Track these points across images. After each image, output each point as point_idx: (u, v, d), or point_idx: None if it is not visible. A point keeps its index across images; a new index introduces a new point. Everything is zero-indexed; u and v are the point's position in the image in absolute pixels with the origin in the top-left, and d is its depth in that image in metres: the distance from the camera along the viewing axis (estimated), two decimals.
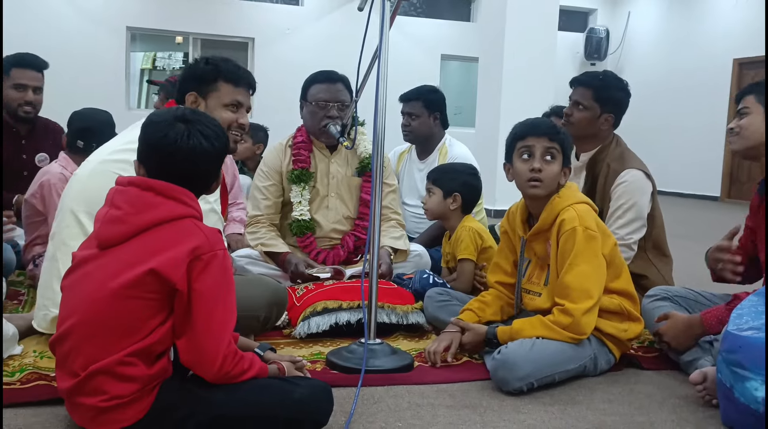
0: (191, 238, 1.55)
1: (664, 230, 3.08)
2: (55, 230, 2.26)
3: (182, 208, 1.59)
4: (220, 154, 1.70)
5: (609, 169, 2.96)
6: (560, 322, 2.12)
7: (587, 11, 13.95)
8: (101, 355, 1.50)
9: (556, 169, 2.27)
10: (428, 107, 3.76)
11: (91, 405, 1.51)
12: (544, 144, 2.27)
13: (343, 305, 2.57)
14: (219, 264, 1.56)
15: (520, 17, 7.19)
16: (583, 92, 3.01)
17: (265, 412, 1.59)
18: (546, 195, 2.29)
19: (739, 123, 2.26)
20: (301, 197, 3.16)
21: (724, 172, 10.95)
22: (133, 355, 1.51)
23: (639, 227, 2.89)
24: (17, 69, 3.64)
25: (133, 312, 1.52)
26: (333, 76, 3.18)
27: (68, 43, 10.62)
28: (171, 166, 1.62)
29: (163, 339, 1.55)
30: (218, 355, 1.53)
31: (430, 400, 1.98)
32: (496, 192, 6.60)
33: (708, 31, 11.50)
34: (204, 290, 1.53)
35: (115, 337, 1.51)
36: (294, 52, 11.80)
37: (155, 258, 1.51)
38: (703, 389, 1.98)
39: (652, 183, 2.96)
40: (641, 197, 2.89)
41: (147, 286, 1.51)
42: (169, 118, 1.64)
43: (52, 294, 2.16)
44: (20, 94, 3.64)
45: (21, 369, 2.02)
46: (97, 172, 2.20)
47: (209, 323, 1.53)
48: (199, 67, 2.33)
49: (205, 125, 1.65)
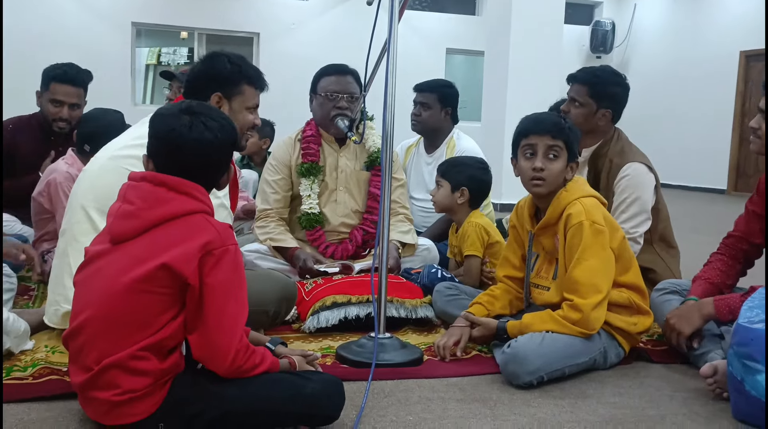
0: (203, 233, 1.55)
1: (670, 223, 3.09)
2: (65, 226, 2.27)
3: (194, 203, 1.60)
4: (226, 146, 1.68)
5: (611, 164, 2.97)
6: (570, 317, 2.12)
7: (593, 4, 13.89)
8: (114, 349, 1.51)
9: (559, 166, 2.26)
10: (441, 101, 3.77)
11: (105, 399, 1.52)
12: (547, 142, 2.26)
13: (352, 299, 2.57)
14: (231, 259, 1.57)
15: (526, 10, 7.16)
16: (578, 89, 3.03)
17: (276, 407, 1.60)
18: (549, 192, 2.28)
19: (762, 125, 2.20)
20: (311, 190, 3.16)
21: (731, 165, 10.92)
22: (145, 349, 1.52)
23: (644, 220, 2.89)
24: (56, 84, 3.58)
25: (146, 307, 1.52)
26: (343, 68, 3.20)
27: (73, 38, 10.63)
28: (178, 158, 1.62)
29: (175, 334, 1.56)
30: (230, 350, 1.54)
31: (440, 394, 1.99)
32: (503, 186, 6.58)
33: (714, 23, 11.45)
34: (216, 285, 1.54)
35: (127, 331, 1.52)
36: (299, 47, 11.79)
37: (167, 253, 1.52)
38: (713, 382, 1.98)
39: (654, 176, 2.97)
40: (644, 190, 2.90)
41: (159, 280, 1.52)
42: (175, 110, 1.65)
43: (63, 289, 2.17)
44: (56, 110, 3.59)
45: (33, 364, 2.03)
46: (106, 168, 2.20)
47: (221, 318, 1.54)
48: (225, 68, 2.29)
49: (209, 117, 1.65)
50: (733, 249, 2.46)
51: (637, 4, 13.36)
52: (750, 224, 2.43)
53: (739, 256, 2.46)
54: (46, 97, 3.62)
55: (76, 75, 3.64)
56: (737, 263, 2.46)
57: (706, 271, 2.45)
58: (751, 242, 2.43)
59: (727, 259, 2.45)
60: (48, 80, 3.60)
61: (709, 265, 2.47)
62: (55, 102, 3.60)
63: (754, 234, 2.42)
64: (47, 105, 3.62)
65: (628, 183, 2.90)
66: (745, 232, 2.44)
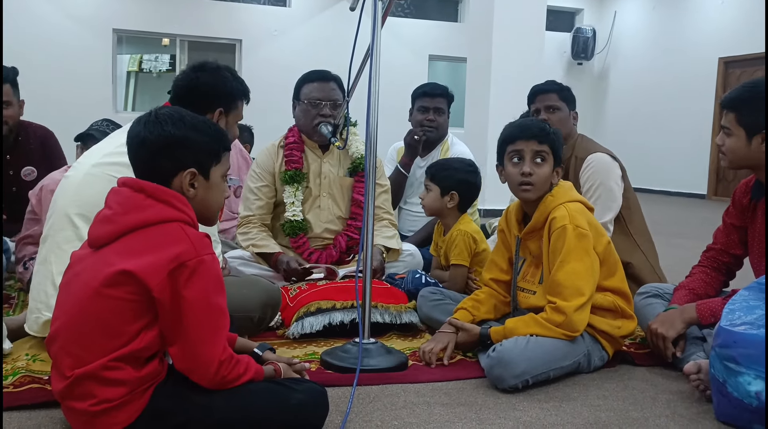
0: (176, 243, 1.51)
1: (641, 211, 3.20)
2: (47, 233, 2.22)
3: (171, 211, 1.56)
4: (186, 141, 1.61)
5: (576, 160, 3.13)
6: (553, 319, 2.13)
7: (574, 11, 14.02)
8: (86, 357, 1.48)
9: (546, 170, 2.28)
10: (448, 105, 3.79)
11: (82, 409, 1.50)
12: (534, 147, 2.28)
13: (336, 305, 2.56)
14: (206, 269, 1.52)
15: (508, 17, 7.22)
16: (550, 96, 3.19)
17: (262, 417, 1.58)
18: (538, 197, 2.30)
19: (724, 143, 2.25)
20: (294, 198, 3.15)
21: (711, 170, 11.03)
22: (118, 360, 1.48)
23: (610, 207, 3.00)
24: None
25: (114, 313, 1.48)
26: (325, 75, 3.19)
27: (54, 45, 10.57)
28: (144, 161, 1.61)
29: (150, 345, 1.52)
30: (214, 361, 1.52)
31: (425, 399, 1.98)
32: (486, 192, 6.60)
33: (693, 30, 11.60)
34: (193, 298, 1.50)
35: (97, 338, 1.49)
36: (281, 54, 11.80)
37: (134, 260, 1.49)
38: (697, 379, 1.99)
39: (619, 164, 3.10)
40: (608, 177, 3.03)
41: (123, 286, 1.48)
42: (144, 115, 1.64)
43: (45, 297, 2.14)
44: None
45: (14, 372, 2.01)
46: (91, 175, 2.18)
47: (201, 330, 1.51)
48: (231, 85, 2.35)
49: (169, 115, 1.61)
50: (714, 261, 2.50)
51: (617, 11, 13.50)
52: (729, 236, 2.47)
53: (722, 268, 2.49)
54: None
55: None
56: (720, 275, 2.49)
57: (689, 281, 2.47)
58: (731, 254, 2.47)
59: (710, 272, 2.48)
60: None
61: (692, 276, 2.50)
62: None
63: (734, 245, 2.46)
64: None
65: (592, 171, 3.04)
66: (725, 245, 2.48)
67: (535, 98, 3.23)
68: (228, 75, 2.36)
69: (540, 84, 3.27)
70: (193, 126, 1.63)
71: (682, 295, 2.40)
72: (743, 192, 2.39)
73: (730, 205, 2.45)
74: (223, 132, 1.71)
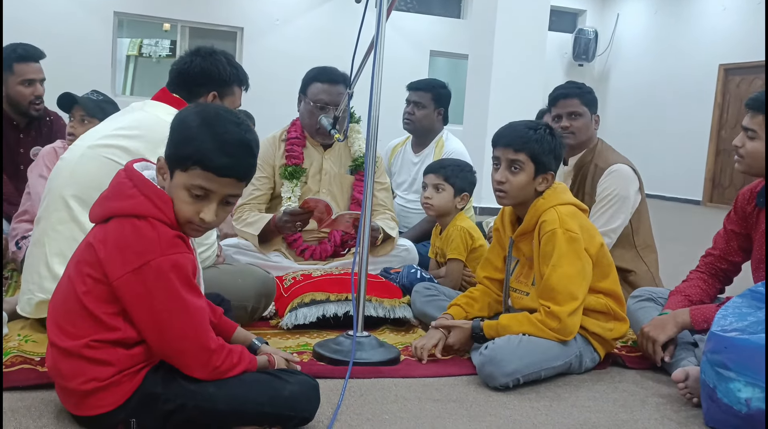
0: (143, 241, 1.50)
1: (649, 223, 3.18)
2: (41, 214, 2.21)
3: (149, 207, 1.54)
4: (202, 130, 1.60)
5: (596, 168, 3.05)
6: (547, 323, 2.13)
7: (576, 12, 14.00)
8: (72, 331, 1.52)
9: (521, 180, 2.25)
10: (435, 101, 3.78)
11: (72, 389, 1.52)
12: (509, 156, 2.27)
13: (330, 297, 2.57)
14: (171, 269, 1.50)
15: (511, 15, 7.20)
16: (572, 101, 3.07)
17: (254, 407, 1.58)
18: (515, 204, 2.32)
19: (746, 147, 2.19)
20: (292, 193, 3.14)
21: (707, 177, 11.06)
22: (103, 341, 1.50)
23: (620, 217, 2.97)
24: (21, 64, 3.43)
25: (87, 289, 1.51)
26: (335, 77, 3.14)
27: (54, 27, 10.48)
28: None
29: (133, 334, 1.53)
30: (202, 353, 1.53)
31: (417, 394, 1.99)
32: (482, 190, 6.61)
33: (695, 36, 11.60)
34: (163, 298, 1.50)
35: (79, 313, 1.52)
36: (283, 43, 11.75)
37: (105, 246, 1.51)
38: (684, 387, 2.00)
39: (638, 178, 3.04)
40: (626, 188, 2.98)
41: (92, 266, 1.51)
42: None
43: (38, 279, 2.13)
44: (30, 90, 3.46)
45: (6, 352, 2.00)
46: (86, 157, 2.17)
47: (180, 327, 1.51)
48: (225, 70, 2.35)
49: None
50: (712, 267, 2.49)
51: (620, 13, 13.49)
52: (729, 243, 2.46)
53: (719, 275, 2.49)
54: (14, 80, 3.45)
55: (35, 51, 3.51)
56: (717, 282, 2.49)
57: (685, 287, 2.47)
58: (730, 261, 2.46)
59: (707, 278, 2.48)
60: (9, 62, 3.43)
61: (688, 281, 2.50)
62: (26, 82, 3.46)
63: (733, 252, 2.45)
64: (19, 89, 3.46)
65: (611, 180, 2.98)
66: (724, 251, 2.47)
67: (557, 103, 3.11)
68: (222, 59, 2.37)
69: (561, 87, 3.15)
70: None
71: (677, 300, 2.39)
72: (747, 198, 2.38)
73: (732, 211, 2.44)
74: None
